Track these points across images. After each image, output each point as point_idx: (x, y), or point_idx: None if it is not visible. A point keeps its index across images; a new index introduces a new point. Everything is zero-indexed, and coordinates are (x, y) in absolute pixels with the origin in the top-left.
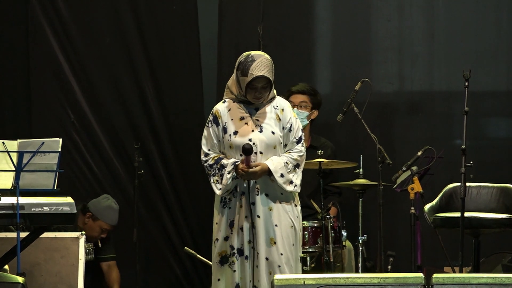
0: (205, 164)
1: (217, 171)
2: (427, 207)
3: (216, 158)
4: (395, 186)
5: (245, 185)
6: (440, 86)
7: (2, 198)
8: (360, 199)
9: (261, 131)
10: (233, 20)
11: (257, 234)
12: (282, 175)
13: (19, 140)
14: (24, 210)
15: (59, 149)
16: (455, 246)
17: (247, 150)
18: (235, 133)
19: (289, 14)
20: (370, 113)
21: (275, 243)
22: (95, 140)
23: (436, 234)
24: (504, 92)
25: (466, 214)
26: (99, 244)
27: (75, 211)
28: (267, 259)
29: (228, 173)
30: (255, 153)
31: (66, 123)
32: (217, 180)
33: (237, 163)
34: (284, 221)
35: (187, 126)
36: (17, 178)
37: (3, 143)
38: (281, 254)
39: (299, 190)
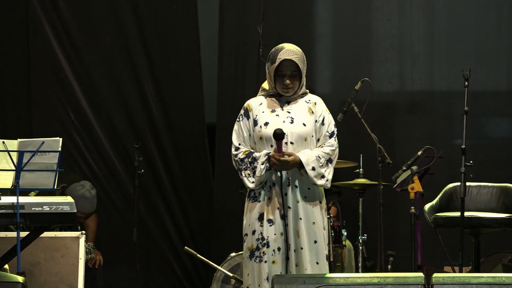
0: (236, 158)
1: (248, 164)
2: (427, 206)
3: (247, 152)
4: (395, 185)
5: (274, 178)
6: (440, 86)
7: (2, 197)
8: (360, 199)
9: (292, 122)
10: (233, 20)
11: (288, 226)
12: (313, 169)
13: (19, 140)
14: (24, 210)
15: (59, 149)
16: (455, 245)
17: (278, 135)
18: (266, 124)
19: (289, 13)
20: (370, 113)
21: (299, 236)
22: (95, 140)
23: (436, 233)
24: (504, 92)
25: (466, 213)
26: (78, 228)
27: (75, 211)
28: (294, 251)
29: (262, 164)
30: (286, 143)
31: (66, 122)
32: (249, 174)
33: (270, 154)
34: (307, 216)
35: (187, 126)
36: (17, 177)
37: (3, 142)
38: (301, 248)
39: (329, 186)
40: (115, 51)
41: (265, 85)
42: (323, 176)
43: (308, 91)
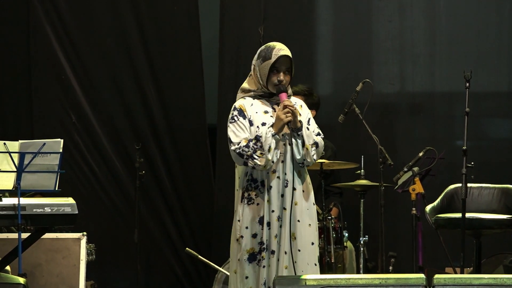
0: (239, 150)
1: (255, 146)
2: (428, 208)
3: (248, 139)
4: (397, 187)
5: (280, 148)
6: (441, 87)
7: (3, 199)
8: (362, 200)
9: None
10: (234, 21)
11: (282, 227)
12: (308, 131)
13: (20, 141)
14: (25, 211)
15: (61, 150)
16: (456, 247)
17: (280, 90)
18: (263, 124)
19: (290, 15)
20: (371, 114)
21: (295, 238)
22: (96, 141)
23: (438, 235)
24: (505, 93)
25: (467, 215)
26: None
27: (77, 212)
28: (285, 253)
29: (268, 129)
30: (284, 144)
31: (67, 124)
32: (261, 154)
33: (272, 124)
34: (305, 219)
35: (188, 127)
36: (18, 179)
37: (5, 144)
38: (299, 251)
39: (312, 160)
40: (116, 52)
41: (246, 85)
42: (312, 148)
43: (292, 93)
